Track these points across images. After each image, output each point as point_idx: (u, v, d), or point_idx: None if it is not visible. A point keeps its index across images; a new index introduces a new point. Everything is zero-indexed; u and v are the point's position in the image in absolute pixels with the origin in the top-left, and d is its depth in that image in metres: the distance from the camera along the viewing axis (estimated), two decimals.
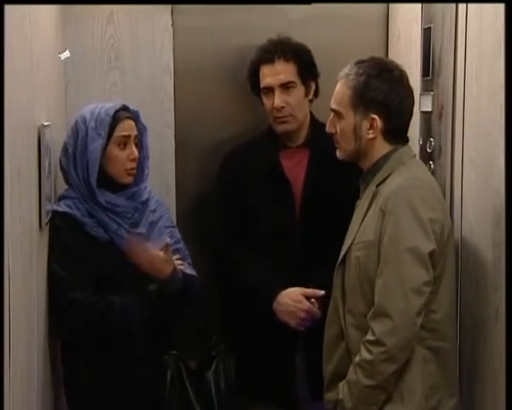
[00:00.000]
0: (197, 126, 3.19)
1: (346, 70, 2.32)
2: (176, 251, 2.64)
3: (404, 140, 2.33)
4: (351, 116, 2.29)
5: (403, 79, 2.30)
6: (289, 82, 2.83)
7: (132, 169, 2.60)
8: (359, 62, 2.31)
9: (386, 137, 2.29)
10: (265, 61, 2.86)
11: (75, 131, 2.57)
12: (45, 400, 2.43)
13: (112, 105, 2.59)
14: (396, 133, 2.30)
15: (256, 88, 2.92)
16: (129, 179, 2.61)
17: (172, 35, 3.14)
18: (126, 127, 2.59)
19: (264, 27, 3.11)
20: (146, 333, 2.55)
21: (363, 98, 2.27)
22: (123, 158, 2.57)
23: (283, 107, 2.82)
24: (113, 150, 2.56)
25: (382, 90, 2.26)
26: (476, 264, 2.28)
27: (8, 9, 1.73)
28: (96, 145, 2.52)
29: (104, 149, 2.55)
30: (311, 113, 2.92)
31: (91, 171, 2.53)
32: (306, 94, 2.88)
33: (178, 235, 2.74)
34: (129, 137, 2.59)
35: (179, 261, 2.60)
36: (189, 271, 2.65)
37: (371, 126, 2.27)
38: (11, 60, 1.80)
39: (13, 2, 1.82)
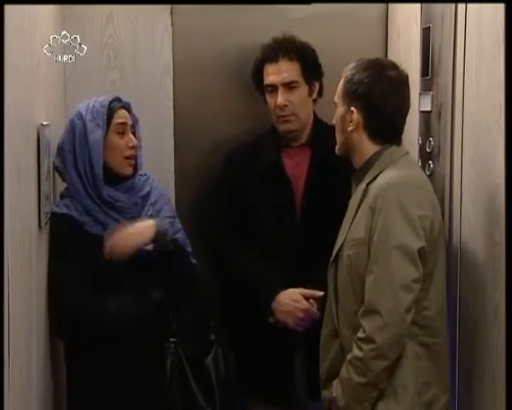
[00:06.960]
0: (196, 125, 3.18)
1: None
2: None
3: (394, 141, 2.32)
4: (340, 107, 2.35)
5: (393, 78, 2.29)
6: (292, 81, 2.83)
7: (131, 157, 2.62)
8: (360, 59, 2.35)
9: (372, 136, 2.30)
10: (269, 59, 2.86)
11: (71, 128, 2.58)
12: (45, 400, 2.43)
13: (105, 97, 2.62)
14: (382, 133, 2.30)
15: (260, 86, 2.92)
16: (129, 170, 2.63)
17: (172, 35, 3.14)
18: (122, 115, 2.62)
19: (264, 27, 3.10)
20: (145, 330, 2.56)
21: (348, 90, 2.31)
22: (122, 145, 2.60)
23: (286, 105, 2.82)
24: (113, 139, 2.59)
25: (363, 83, 2.28)
26: (475, 263, 2.29)
27: (8, 9, 1.73)
28: (96, 136, 2.54)
29: (104, 139, 2.56)
30: (314, 113, 2.92)
31: (96, 162, 2.54)
32: (310, 93, 2.88)
33: (179, 225, 2.74)
34: (126, 124, 2.62)
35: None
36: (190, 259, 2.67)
37: (352, 119, 2.30)
38: (11, 59, 1.80)
39: (13, 2, 1.82)
